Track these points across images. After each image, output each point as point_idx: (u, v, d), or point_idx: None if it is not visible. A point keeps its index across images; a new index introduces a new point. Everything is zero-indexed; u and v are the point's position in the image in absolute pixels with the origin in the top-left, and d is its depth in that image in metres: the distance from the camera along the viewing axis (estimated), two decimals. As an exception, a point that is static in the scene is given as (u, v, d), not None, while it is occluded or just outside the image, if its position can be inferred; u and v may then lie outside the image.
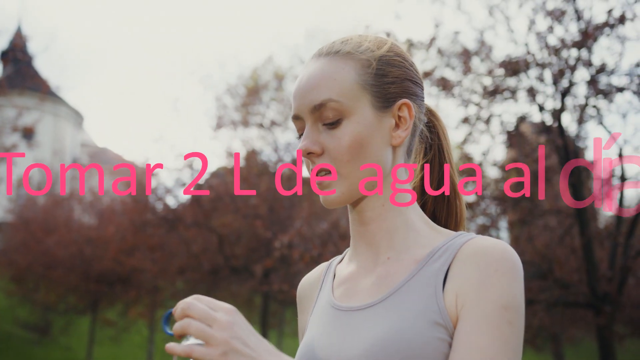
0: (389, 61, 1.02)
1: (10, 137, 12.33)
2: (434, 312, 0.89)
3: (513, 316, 0.88)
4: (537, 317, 6.80)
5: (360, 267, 1.05)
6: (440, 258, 0.95)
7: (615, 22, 5.33)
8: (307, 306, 1.15)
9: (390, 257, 1.01)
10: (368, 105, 0.99)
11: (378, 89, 1.00)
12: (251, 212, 10.72)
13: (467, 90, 6.29)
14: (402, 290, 0.94)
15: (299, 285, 1.20)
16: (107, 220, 14.76)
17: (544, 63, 5.75)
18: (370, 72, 1.00)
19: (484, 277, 0.88)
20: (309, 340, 1.03)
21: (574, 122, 6.14)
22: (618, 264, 5.94)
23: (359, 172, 0.99)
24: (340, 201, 1.01)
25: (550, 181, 6.80)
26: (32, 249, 15.33)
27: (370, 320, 0.94)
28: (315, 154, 1.00)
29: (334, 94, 0.98)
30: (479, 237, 0.95)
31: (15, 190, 21.82)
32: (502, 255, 0.89)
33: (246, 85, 13.40)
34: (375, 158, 0.99)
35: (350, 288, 1.04)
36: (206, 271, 11.28)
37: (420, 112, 1.06)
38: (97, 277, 14.23)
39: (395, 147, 1.02)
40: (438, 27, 6.18)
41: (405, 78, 1.03)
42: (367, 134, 0.99)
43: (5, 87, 12.66)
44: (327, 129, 0.99)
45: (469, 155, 6.57)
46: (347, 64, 1.00)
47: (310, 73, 1.01)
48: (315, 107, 0.99)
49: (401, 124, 1.01)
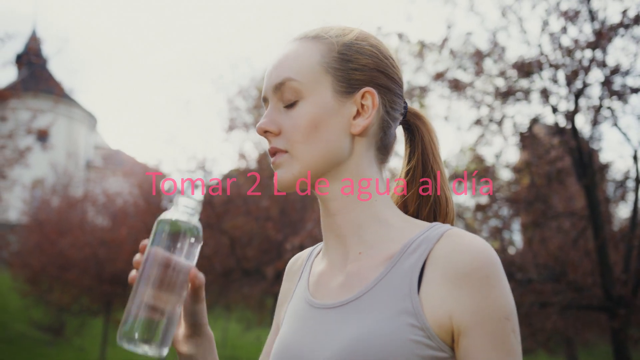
0: (359, 49, 1.00)
1: (24, 139, 12.44)
2: (408, 313, 0.87)
3: (514, 323, 0.88)
4: (550, 320, 6.76)
5: (333, 262, 1.03)
6: (415, 253, 0.92)
7: (630, 22, 5.28)
8: (289, 287, 1.15)
9: (361, 252, 0.98)
10: (329, 89, 0.98)
11: (342, 73, 0.98)
12: (263, 214, 10.73)
13: (480, 91, 6.26)
14: (375, 289, 0.92)
15: (288, 264, 1.19)
16: (120, 222, 14.83)
17: (557, 64, 5.71)
18: (335, 56, 0.99)
19: (477, 288, 0.86)
20: (283, 337, 1.02)
21: (588, 123, 6.09)
22: (633, 267, 5.88)
23: (312, 155, 0.97)
24: (290, 183, 0.99)
25: (564, 183, 6.75)
26: (46, 251, 15.45)
27: (343, 320, 0.93)
28: (272, 134, 1.00)
29: (293, 73, 0.98)
30: (454, 233, 0.92)
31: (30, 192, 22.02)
32: (487, 257, 0.87)
33: (258, 87, 13.42)
34: (330, 143, 0.97)
35: (324, 284, 1.02)
36: (218, 273, 11.30)
37: (393, 108, 1.03)
38: (111, 278, 14.29)
39: (355, 135, 0.99)
40: (450, 28, 6.16)
41: (375, 68, 1.00)
42: (324, 116, 0.97)
43: (19, 89, 12.74)
44: (286, 110, 0.99)
45: (482, 157, 6.54)
46: (313, 46, 1.00)
47: (278, 55, 1.02)
48: (277, 87, 0.99)
49: (363, 112, 0.99)
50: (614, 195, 7.59)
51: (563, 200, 7.87)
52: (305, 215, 10.68)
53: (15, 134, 11.66)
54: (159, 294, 0.92)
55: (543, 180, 6.31)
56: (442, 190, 1.07)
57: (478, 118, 6.28)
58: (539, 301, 6.14)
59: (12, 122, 11.71)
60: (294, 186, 1.00)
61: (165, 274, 0.92)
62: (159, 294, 0.92)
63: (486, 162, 6.44)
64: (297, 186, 1.00)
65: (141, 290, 0.92)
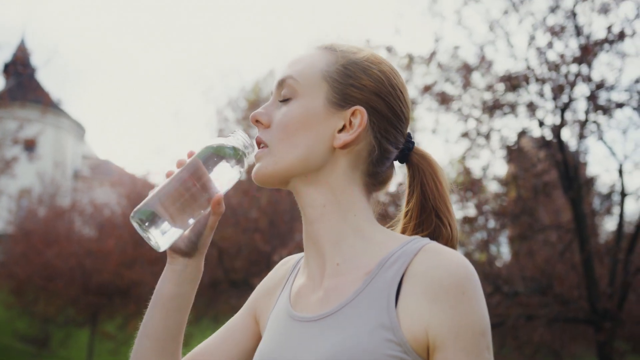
0: (364, 69, 1.01)
1: (11, 149, 12.36)
2: (385, 328, 0.87)
3: (488, 340, 0.88)
4: (537, 333, 6.77)
5: (312, 274, 1.03)
6: (392, 267, 0.92)
7: (615, 38, 5.35)
8: (273, 288, 1.16)
9: (339, 263, 0.99)
10: (322, 96, 0.99)
11: (339, 86, 1.00)
12: (251, 225, 10.71)
13: (467, 104, 6.30)
14: (353, 303, 0.92)
15: (280, 262, 1.20)
16: (107, 232, 14.74)
17: (543, 78, 5.77)
18: (338, 68, 1.01)
19: (453, 304, 0.86)
20: (263, 348, 1.03)
21: (574, 137, 6.16)
22: (618, 281, 5.92)
23: (288, 154, 0.99)
24: (264, 177, 1.02)
25: (550, 196, 6.80)
26: (32, 261, 15.29)
27: (322, 334, 0.93)
28: (262, 125, 1.03)
29: (295, 73, 1.01)
30: (432, 248, 0.92)
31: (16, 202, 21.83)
32: (464, 274, 0.87)
33: (247, 98, 13.43)
34: (308, 148, 0.99)
35: (304, 296, 1.03)
36: (206, 284, 11.25)
37: (386, 138, 1.02)
38: (97, 289, 14.18)
39: (336, 149, 1.00)
40: (438, 41, 6.21)
41: (375, 92, 1.00)
42: (309, 120, 0.99)
43: (7, 99, 12.67)
44: (281, 106, 1.02)
45: (469, 169, 6.58)
46: (322, 54, 1.03)
47: (293, 56, 1.05)
48: (279, 82, 1.03)
49: (349, 128, 0.99)
50: (600, 208, 7.66)
51: (549, 213, 7.91)
52: (294, 227, 10.67)
53: (2, 144, 11.59)
54: (180, 199, 0.98)
55: (530, 193, 6.36)
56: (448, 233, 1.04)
57: (465, 131, 6.33)
58: (525, 314, 6.16)
59: (-1, 132, 11.65)
60: (266, 181, 1.02)
61: (194, 185, 0.99)
62: (180, 199, 0.98)
63: (473, 174, 6.47)
64: (270, 182, 1.03)
65: (168, 187, 0.99)
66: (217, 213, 1.03)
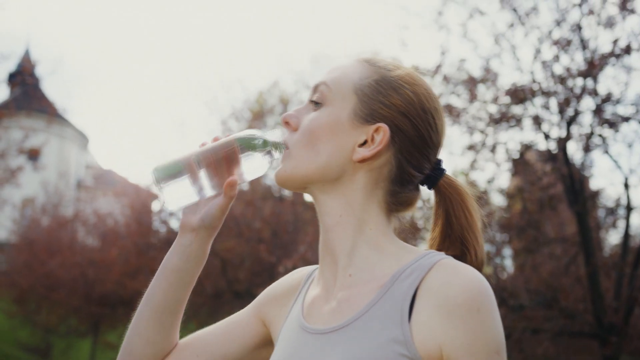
0: (396, 87, 1.01)
1: (16, 159, 12.38)
2: (398, 342, 0.87)
3: (503, 356, 0.88)
4: (542, 347, 6.73)
5: (326, 285, 1.03)
6: (406, 280, 0.91)
7: (621, 52, 5.36)
8: (287, 297, 1.14)
9: (351, 274, 0.98)
10: (349, 108, 1.00)
11: (367, 100, 1.00)
12: (255, 236, 10.69)
13: (473, 117, 6.30)
14: (366, 316, 0.91)
15: (296, 270, 1.19)
16: (110, 242, 14.73)
17: (549, 91, 5.77)
18: (370, 83, 1.01)
19: (468, 321, 0.85)
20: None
21: (580, 150, 6.15)
22: (624, 294, 5.89)
23: (306, 160, 1.00)
24: (282, 179, 1.03)
25: (556, 209, 6.78)
26: (35, 271, 15.29)
27: (334, 347, 0.92)
28: (290, 127, 1.04)
29: (328, 80, 1.02)
30: (447, 263, 0.91)
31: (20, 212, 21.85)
32: (479, 290, 0.86)
33: (251, 109, 13.45)
34: (327, 157, 0.99)
35: (317, 308, 1.02)
36: (209, 295, 11.22)
37: (409, 161, 1.01)
38: (99, 299, 14.16)
39: (355, 163, 0.99)
40: (444, 54, 6.22)
41: (403, 112, 1.00)
42: (332, 129, 0.99)
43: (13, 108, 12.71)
44: (311, 110, 1.03)
45: (474, 182, 6.57)
46: (359, 66, 1.04)
47: (334, 64, 1.07)
48: (315, 87, 1.04)
49: (370, 144, 0.99)
50: (605, 222, 7.64)
51: (554, 226, 7.89)
52: (297, 238, 10.65)
53: (7, 154, 11.62)
54: (206, 166, 1.01)
55: (535, 207, 6.34)
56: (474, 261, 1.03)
57: (471, 144, 6.32)
58: (530, 327, 6.13)
59: (4, 142, 11.67)
60: (285, 184, 1.04)
61: (223, 160, 1.02)
62: (206, 166, 1.01)
63: (478, 187, 6.46)
64: (288, 185, 1.04)
65: (199, 152, 1.02)
66: (228, 195, 1.04)
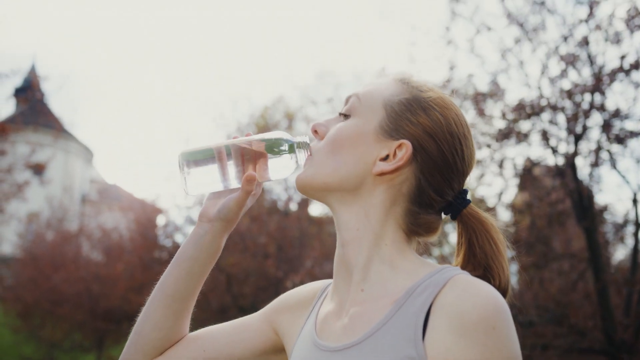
0: (426, 108, 1.01)
1: (22, 173, 12.43)
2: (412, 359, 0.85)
3: None
4: (552, 363, 6.68)
5: (340, 300, 1.03)
6: (420, 297, 0.90)
7: (629, 67, 5.36)
8: (297, 315, 1.13)
9: (364, 289, 0.98)
10: (376, 122, 1.00)
11: (395, 116, 1.00)
12: (260, 251, 10.68)
13: (481, 132, 6.30)
14: (379, 333, 0.90)
15: (312, 283, 1.19)
16: (115, 257, 14.73)
17: (557, 107, 5.77)
18: (401, 100, 1.01)
19: (484, 339, 0.82)
20: None
21: (588, 166, 6.13)
22: (634, 311, 5.85)
23: (326, 167, 1.01)
24: (301, 185, 1.04)
25: (564, 225, 6.75)
26: (39, 285, 15.29)
27: None
28: (318, 135, 1.06)
29: (360, 92, 1.04)
30: (462, 279, 0.89)
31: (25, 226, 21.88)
32: (494, 307, 0.84)
33: (257, 124, 13.49)
34: (347, 167, 0.99)
35: (330, 324, 1.02)
36: (214, 310, 11.18)
37: (430, 183, 1.00)
38: (104, 314, 14.14)
39: (375, 176, 0.99)
40: (452, 69, 6.23)
41: (429, 133, 0.99)
42: (356, 140, 1.00)
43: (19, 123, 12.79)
44: (340, 121, 1.05)
45: (482, 197, 6.56)
46: (392, 84, 1.05)
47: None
48: (347, 98, 1.06)
49: (392, 159, 0.99)
50: (613, 237, 7.59)
51: (561, 242, 7.85)
52: (303, 253, 10.63)
53: (14, 168, 11.66)
54: (235, 158, 1.04)
55: (544, 222, 6.32)
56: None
57: (478, 159, 6.31)
58: (540, 344, 6.08)
59: (11, 156, 11.72)
60: (304, 190, 1.04)
61: (250, 155, 1.05)
62: (235, 158, 1.04)
63: (486, 202, 6.45)
64: (307, 192, 1.04)
65: (228, 145, 1.05)
66: (245, 190, 1.05)
